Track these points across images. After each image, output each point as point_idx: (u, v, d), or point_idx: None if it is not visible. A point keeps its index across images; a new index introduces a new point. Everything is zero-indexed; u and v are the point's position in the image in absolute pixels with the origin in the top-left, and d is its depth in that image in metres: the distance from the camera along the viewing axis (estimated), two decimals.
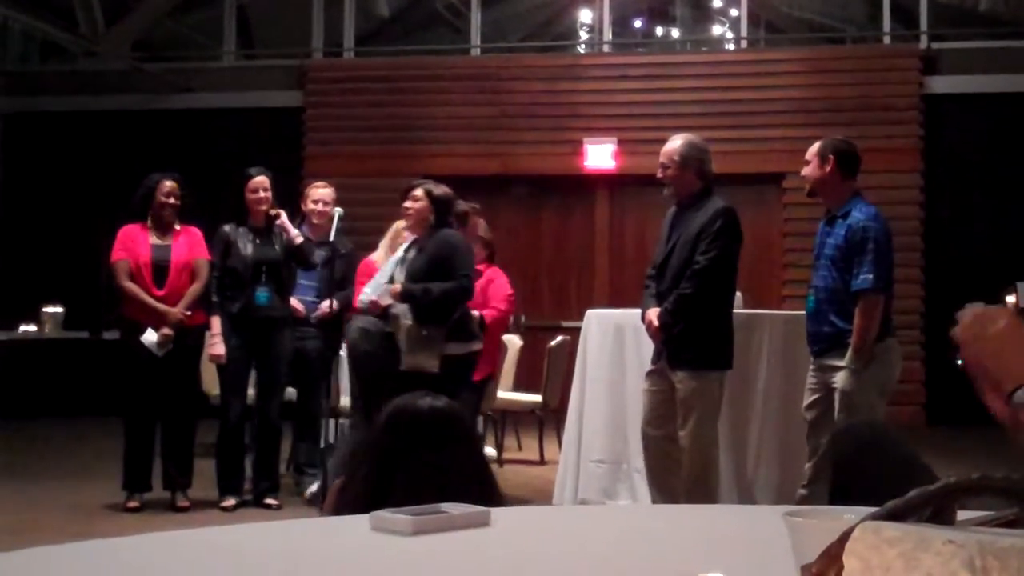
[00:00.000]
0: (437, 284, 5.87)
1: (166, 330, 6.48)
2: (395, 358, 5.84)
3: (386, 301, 5.92)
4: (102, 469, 7.32)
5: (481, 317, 6.70)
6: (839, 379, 5.18)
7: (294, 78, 13.45)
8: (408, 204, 6.05)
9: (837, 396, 5.18)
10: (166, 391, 6.56)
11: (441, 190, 6.12)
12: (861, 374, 5.14)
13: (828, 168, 5.29)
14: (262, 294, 6.63)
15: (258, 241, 6.69)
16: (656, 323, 5.38)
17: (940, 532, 0.86)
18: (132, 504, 6.52)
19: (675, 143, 5.75)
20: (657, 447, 5.52)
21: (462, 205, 6.61)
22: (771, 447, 6.08)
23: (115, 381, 6.85)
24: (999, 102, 12.24)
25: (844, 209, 5.28)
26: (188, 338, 6.65)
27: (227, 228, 6.72)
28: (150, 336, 6.47)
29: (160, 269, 6.58)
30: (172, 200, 6.65)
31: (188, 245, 6.68)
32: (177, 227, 6.69)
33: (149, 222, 6.66)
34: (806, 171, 5.41)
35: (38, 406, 10.90)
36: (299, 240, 6.70)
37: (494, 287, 7.07)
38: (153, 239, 6.64)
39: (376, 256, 7.45)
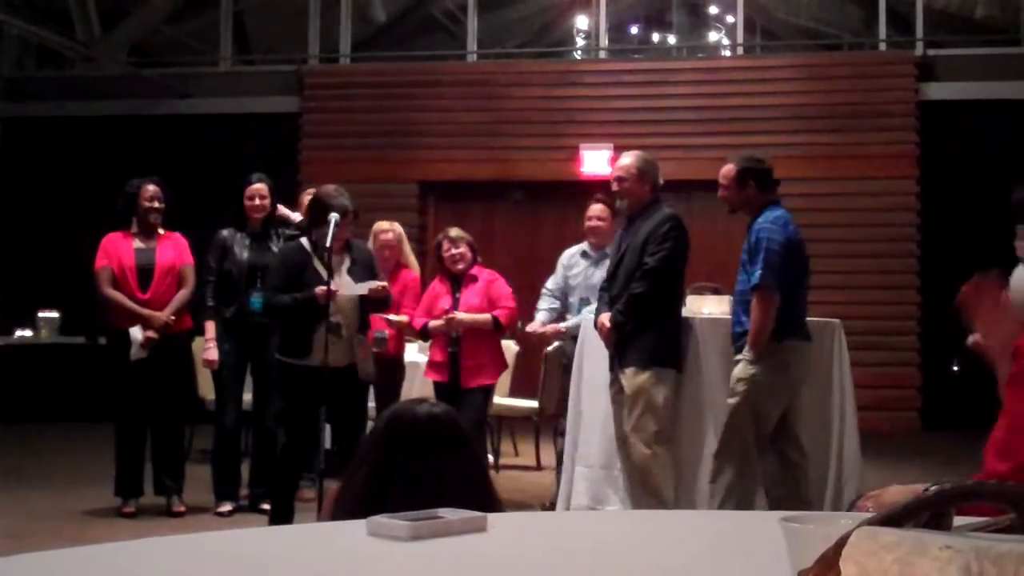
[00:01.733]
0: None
1: (150, 333, 6.48)
2: None
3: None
4: (98, 474, 7.31)
5: (495, 318, 6.82)
6: (735, 369, 5.49)
7: (291, 84, 13.47)
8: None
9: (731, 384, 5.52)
10: (155, 396, 6.56)
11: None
12: (753, 366, 5.41)
13: (747, 190, 5.63)
14: (256, 300, 6.62)
15: (254, 246, 6.70)
16: (608, 324, 5.63)
17: (937, 537, 0.86)
18: (127, 510, 6.51)
19: (630, 158, 6.00)
20: None
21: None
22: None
23: (105, 386, 6.84)
24: (995, 109, 12.26)
25: (756, 217, 5.60)
26: (176, 343, 6.65)
27: (225, 233, 6.73)
28: (136, 334, 6.46)
29: (144, 273, 6.57)
30: (156, 204, 6.65)
31: (173, 249, 6.67)
32: (161, 231, 6.69)
33: (134, 227, 6.66)
34: (725, 194, 5.71)
35: (34, 411, 10.88)
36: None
37: (496, 287, 7.11)
38: (137, 243, 6.63)
39: None
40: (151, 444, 6.66)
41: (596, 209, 7.06)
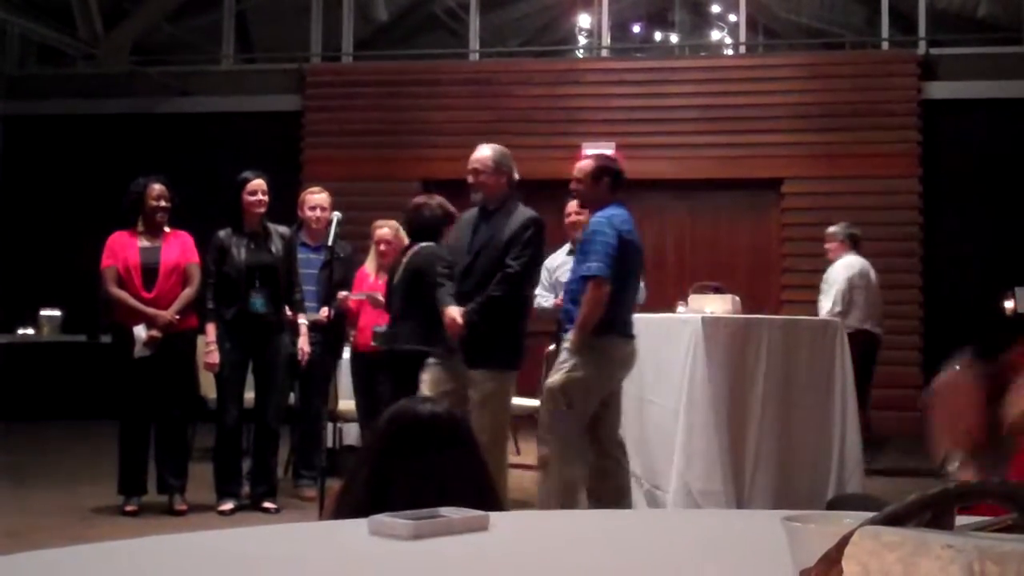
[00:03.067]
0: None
1: (154, 332, 6.49)
2: None
3: None
4: (100, 472, 7.31)
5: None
6: (558, 359, 5.73)
7: (293, 82, 13.46)
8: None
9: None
10: (159, 395, 6.57)
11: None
12: (573, 356, 5.57)
13: (600, 187, 5.80)
14: (256, 300, 6.63)
15: (252, 246, 6.69)
16: (460, 320, 5.63)
17: (939, 537, 0.86)
18: (130, 508, 6.52)
19: (486, 151, 6.08)
20: None
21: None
22: (769, 451, 6.08)
23: (109, 386, 6.85)
24: (997, 108, 12.25)
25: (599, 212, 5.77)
26: (180, 342, 6.65)
27: (222, 234, 6.73)
28: (140, 332, 6.47)
29: (149, 271, 6.59)
30: (163, 203, 6.67)
31: (178, 248, 6.69)
32: (167, 230, 6.70)
33: (140, 226, 6.67)
34: (578, 187, 5.92)
35: (36, 409, 10.90)
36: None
37: None
38: (142, 242, 6.64)
39: (368, 265, 7.51)
40: (154, 442, 6.67)
41: (573, 205, 7.08)
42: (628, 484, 5.82)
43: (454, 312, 5.65)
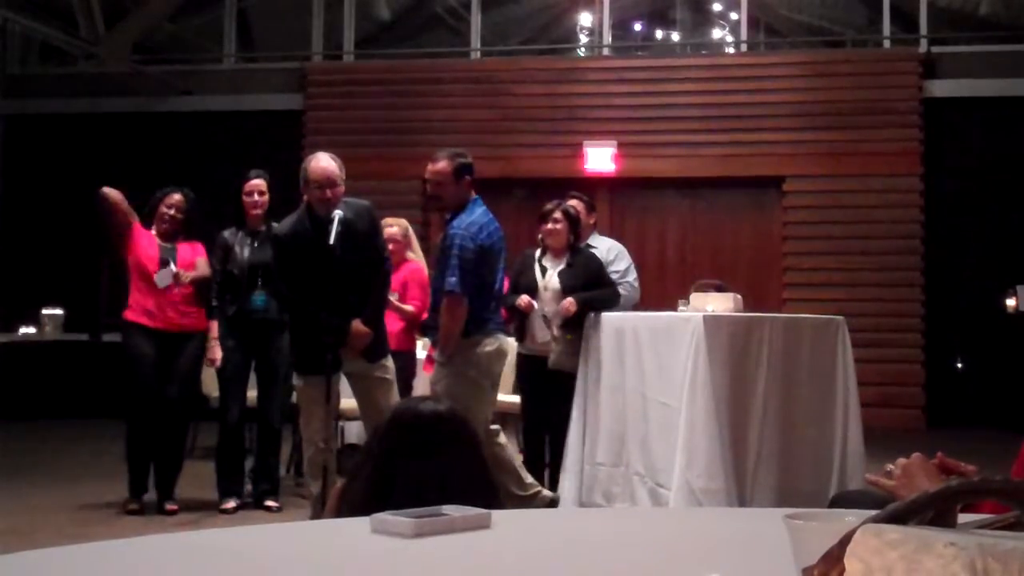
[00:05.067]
0: (599, 292, 6.62)
1: (181, 271, 6.53)
2: None
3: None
4: (101, 471, 7.32)
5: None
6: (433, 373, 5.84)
7: (294, 81, 13.46)
8: (551, 226, 6.78)
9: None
10: (165, 395, 6.56)
11: (573, 207, 6.99)
12: (445, 366, 5.68)
13: (462, 185, 5.82)
14: (258, 298, 6.64)
15: (255, 245, 6.70)
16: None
17: (941, 535, 0.86)
18: (133, 507, 6.51)
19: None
20: None
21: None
22: (771, 449, 6.07)
23: (115, 384, 6.84)
24: (999, 106, 12.25)
25: (456, 215, 5.78)
26: (190, 345, 6.66)
27: (226, 234, 6.74)
28: (171, 267, 6.51)
29: (164, 267, 6.62)
30: (173, 212, 6.69)
31: (191, 252, 6.74)
32: (181, 239, 6.74)
33: (154, 230, 6.72)
34: (438, 191, 5.88)
35: (38, 408, 10.90)
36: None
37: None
38: (160, 243, 6.70)
39: None
40: (154, 444, 6.65)
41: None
42: (514, 462, 6.06)
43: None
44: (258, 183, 6.75)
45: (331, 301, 5.54)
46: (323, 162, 5.72)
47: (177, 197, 6.75)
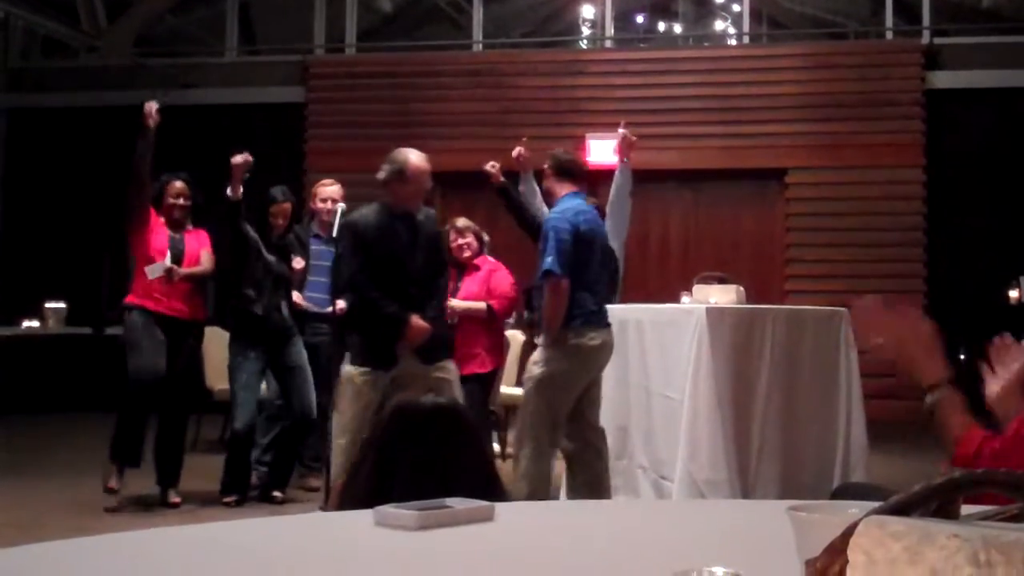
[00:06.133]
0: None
1: (174, 266, 6.51)
2: None
3: None
4: (104, 465, 7.30)
5: (490, 307, 6.99)
6: (533, 354, 5.80)
7: (296, 74, 13.46)
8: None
9: None
10: (166, 385, 6.53)
11: None
12: (546, 352, 5.61)
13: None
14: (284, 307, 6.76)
15: (273, 258, 6.75)
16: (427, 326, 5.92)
17: (944, 526, 0.86)
18: (112, 485, 6.38)
19: (384, 171, 5.87)
20: None
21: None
22: (774, 441, 6.08)
23: (117, 371, 6.75)
24: (1001, 97, 12.23)
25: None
26: (190, 335, 6.66)
27: (254, 235, 6.73)
28: (165, 262, 6.48)
29: (173, 259, 6.62)
30: (181, 201, 6.71)
31: (197, 243, 6.75)
32: (188, 227, 6.75)
33: (163, 220, 6.73)
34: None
35: (40, 402, 10.90)
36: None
37: (496, 277, 7.15)
38: (170, 232, 6.71)
39: None
40: (155, 435, 6.64)
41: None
42: (607, 472, 5.82)
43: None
44: (285, 207, 6.85)
45: (398, 295, 5.52)
46: (423, 161, 5.77)
47: (180, 185, 6.77)
